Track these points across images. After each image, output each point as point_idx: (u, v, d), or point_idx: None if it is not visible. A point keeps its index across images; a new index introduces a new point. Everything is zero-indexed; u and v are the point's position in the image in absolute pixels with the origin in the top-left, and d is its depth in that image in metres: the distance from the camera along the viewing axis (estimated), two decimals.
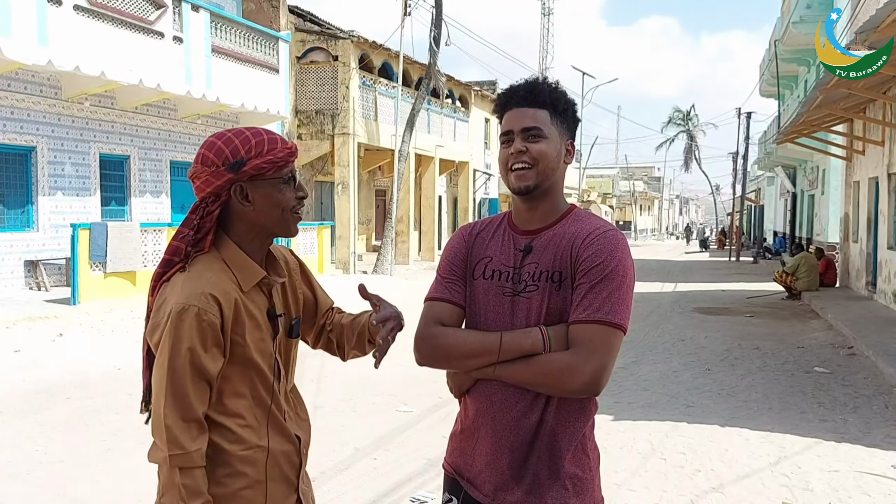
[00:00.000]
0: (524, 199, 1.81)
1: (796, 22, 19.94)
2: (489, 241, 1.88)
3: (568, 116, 1.83)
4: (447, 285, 1.87)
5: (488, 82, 32.03)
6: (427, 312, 1.86)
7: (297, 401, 1.91)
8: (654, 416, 6.13)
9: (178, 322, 1.60)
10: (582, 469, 1.78)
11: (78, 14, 11.97)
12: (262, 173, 1.70)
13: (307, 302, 1.97)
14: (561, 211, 1.84)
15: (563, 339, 1.70)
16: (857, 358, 8.79)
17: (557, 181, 1.82)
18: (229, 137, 1.71)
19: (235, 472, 1.68)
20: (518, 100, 1.81)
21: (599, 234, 1.74)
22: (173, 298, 1.63)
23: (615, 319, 1.68)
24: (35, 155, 12.90)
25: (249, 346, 1.70)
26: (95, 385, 6.95)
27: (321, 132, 19.80)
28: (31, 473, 4.63)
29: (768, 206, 42.37)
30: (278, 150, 1.71)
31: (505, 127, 1.82)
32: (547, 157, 1.77)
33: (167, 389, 1.60)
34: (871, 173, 14.64)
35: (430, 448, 5.11)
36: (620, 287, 1.70)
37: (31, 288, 12.87)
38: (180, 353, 1.60)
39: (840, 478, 4.71)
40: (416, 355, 1.84)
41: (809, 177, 24.94)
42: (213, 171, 1.68)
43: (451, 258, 1.90)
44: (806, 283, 15.19)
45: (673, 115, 61.61)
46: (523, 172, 1.77)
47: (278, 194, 1.73)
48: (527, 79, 1.85)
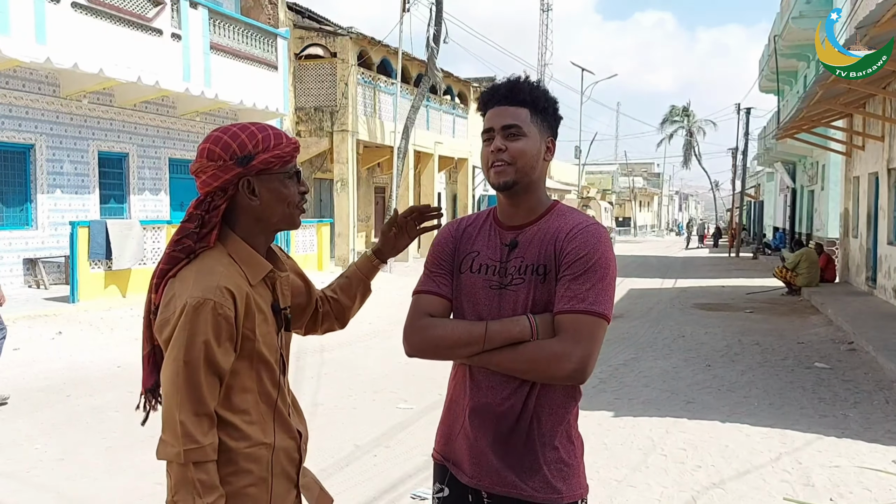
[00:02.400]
0: (506, 195, 1.87)
1: (796, 17, 19.93)
2: (476, 237, 1.94)
3: (548, 114, 1.88)
4: (434, 278, 1.93)
5: (487, 79, 31.96)
6: (415, 305, 1.91)
7: (293, 397, 1.91)
8: (654, 412, 6.12)
9: (195, 316, 1.59)
10: (567, 455, 1.82)
11: (76, 11, 11.95)
12: (269, 168, 1.70)
13: (300, 293, 1.99)
14: (544, 207, 1.89)
15: (549, 328, 1.75)
16: (858, 353, 8.79)
17: (538, 178, 1.87)
18: (235, 132, 1.70)
19: (240, 469, 1.67)
20: (499, 98, 1.85)
21: (582, 229, 1.80)
22: (186, 293, 1.62)
23: (599, 309, 1.73)
24: (34, 153, 12.89)
25: (259, 340, 1.70)
26: (95, 383, 6.94)
27: (320, 129, 19.78)
28: (30, 472, 4.62)
29: (768, 202, 42.36)
30: (284, 145, 1.72)
31: (486, 124, 1.87)
32: (525, 155, 1.82)
33: (181, 384, 1.59)
34: (871, 168, 14.63)
35: (430, 445, 5.05)
36: (603, 279, 1.75)
37: (31, 286, 12.87)
38: (195, 346, 1.59)
39: (841, 473, 4.70)
40: (405, 346, 1.89)
41: (809, 172, 24.94)
42: (221, 166, 1.68)
43: (438, 252, 1.96)
44: (806, 279, 15.19)
45: (671, 112, 61.60)
46: (502, 168, 1.82)
47: (284, 189, 1.74)
48: (509, 77, 1.89)
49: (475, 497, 1.85)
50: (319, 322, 2.09)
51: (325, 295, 2.10)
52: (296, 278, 1.98)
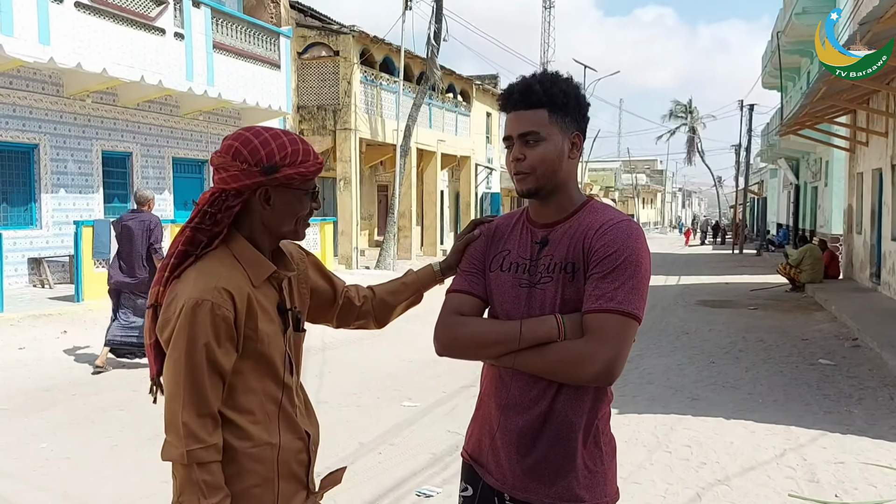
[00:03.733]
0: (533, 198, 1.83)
1: (799, 13, 19.87)
2: (508, 235, 1.90)
3: (570, 109, 1.79)
4: (466, 277, 1.90)
5: (490, 76, 31.97)
6: (447, 303, 1.89)
7: (305, 397, 1.91)
8: (658, 409, 6.12)
9: (193, 317, 1.59)
10: (593, 461, 1.77)
11: (79, 11, 11.97)
12: (290, 182, 1.70)
13: (322, 288, 1.99)
14: (576, 204, 1.84)
15: (577, 327, 1.70)
16: (862, 350, 8.78)
17: (565, 178, 1.81)
18: (266, 139, 1.69)
19: (244, 469, 1.67)
20: (514, 102, 1.80)
21: (612, 225, 1.73)
22: (185, 293, 1.62)
23: (628, 309, 1.67)
24: (38, 152, 12.92)
25: (262, 341, 1.70)
26: (100, 382, 6.96)
27: (323, 128, 19.78)
28: (36, 471, 4.64)
29: (771, 199, 42.27)
30: (310, 164, 1.72)
31: (506, 131, 1.83)
32: (545, 161, 1.77)
33: (183, 385, 1.59)
34: (875, 164, 14.59)
35: (435, 442, 5.11)
36: (634, 276, 1.69)
37: (35, 285, 12.90)
38: (197, 348, 1.59)
39: (846, 469, 4.70)
40: (435, 345, 1.86)
41: (812, 168, 24.88)
42: (245, 170, 1.67)
43: (471, 252, 1.94)
44: (810, 276, 15.17)
45: (674, 108, 61.49)
46: (523, 177, 1.79)
47: (298, 204, 1.74)
48: (524, 76, 1.83)
49: (499, 500, 1.81)
50: (354, 317, 2.07)
51: (373, 293, 2.09)
52: (316, 275, 1.98)
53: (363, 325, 2.10)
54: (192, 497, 1.58)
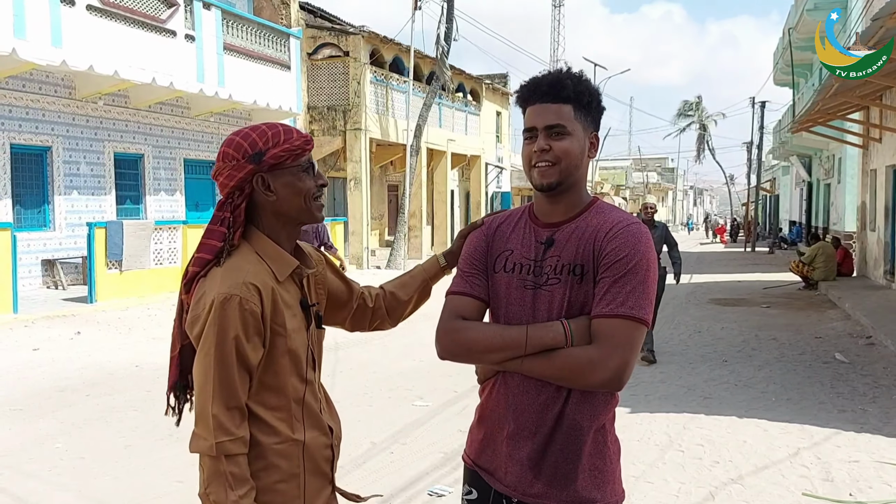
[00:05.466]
0: (548, 194, 1.80)
1: (810, 9, 19.72)
2: (510, 234, 1.87)
3: (592, 109, 1.80)
4: (468, 279, 1.87)
5: (499, 75, 31.94)
6: (448, 306, 1.86)
7: (325, 393, 1.93)
8: (671, 408, 6.10)
9: (222, 311, 1.62)
10: (603, 461, 1.77)
11: (91, 14, 12.05)
12: (281, 162, 1.73)
13: (338, 289, 2.01)
14: (583, 203, 1.82)
15: (584, 332, 1.69)
16: (876, 348, 8.72)
17: (581, 176, 1.81)
18: (246, 132, 1.75)
19: (270, 465, 1.69)
20: (541, 95, 1.77)
21: (623, 228, 1.72)
22: (214, 290, 1.65)
23: (638, 314, 1.66)
24: (50, 155, 13.02)
25: (288, 336, 1.72)
26: (114, 382, 7.00)
27: (333, 128, 19.83)
28: (51, 470, 4.67)
29: (783, 196, 42.03)
30: (294, 139, 1.75)
31: (528, 123, 1.80)
32: (570, 155, 1.75)
33: (214, 378, 1.61)
34: (889, 161, 14.48)
35: (446, 442, 5.11)
36: (644, 281, 1.68)
37: (49, 287, 13.00)
38: (227, 341, 1.61)
39: (860, 468, 4.67)
40: (437, 349, 1.84)
41: (825, 165, 24.71)
42: (235, 165, 1.72)
43: (471, 252, 1.90)
44: (823, 273, 15.07)
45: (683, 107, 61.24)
46: (546, 170, 1.76)
47: (299, 182, 1.76)
48: (550, 71, 1.83)
49: (505, 503, 1.81)
50: (369, 318, 2.10)
51: (384, 290, 2.11)
52: (332, 276, 2.00)
53: (378, 325, 2.13)
54: (218, 489, 1.59)
